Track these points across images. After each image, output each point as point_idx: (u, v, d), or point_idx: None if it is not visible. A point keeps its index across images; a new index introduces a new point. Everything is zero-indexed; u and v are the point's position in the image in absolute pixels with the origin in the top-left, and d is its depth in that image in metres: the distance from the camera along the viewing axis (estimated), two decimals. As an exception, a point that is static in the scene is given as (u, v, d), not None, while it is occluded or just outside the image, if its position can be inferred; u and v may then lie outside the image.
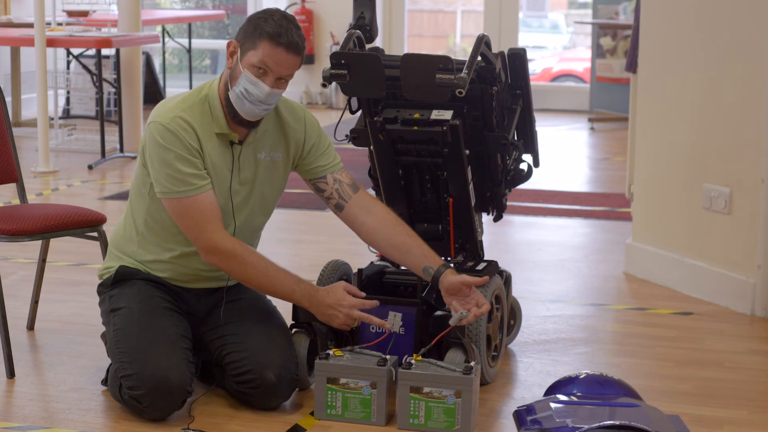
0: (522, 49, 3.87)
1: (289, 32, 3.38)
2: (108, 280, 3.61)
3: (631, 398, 3.28)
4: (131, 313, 3.49)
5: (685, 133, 4.84)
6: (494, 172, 3.84)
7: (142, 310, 3.49)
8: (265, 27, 3.37)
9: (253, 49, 3.38)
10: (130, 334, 3.44)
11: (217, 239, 3.40)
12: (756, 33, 4.48)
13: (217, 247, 3.41)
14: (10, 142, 4.10)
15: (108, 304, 3.58)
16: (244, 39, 3.41)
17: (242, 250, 3.42)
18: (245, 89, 3.39)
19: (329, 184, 3.63)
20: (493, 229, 5.35)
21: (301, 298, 3.47)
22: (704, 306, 4.68)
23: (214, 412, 3.49)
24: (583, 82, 11.96)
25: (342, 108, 3.86)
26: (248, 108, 3.41)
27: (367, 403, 3.39)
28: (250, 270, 3.43)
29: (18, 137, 5.65)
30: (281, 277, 3.46)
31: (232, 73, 3.42)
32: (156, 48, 10.67)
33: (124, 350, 3.42)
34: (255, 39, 3.38)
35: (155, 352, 3.38)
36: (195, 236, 3.42)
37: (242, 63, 3.39)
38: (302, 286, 3.48)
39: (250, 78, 3.38)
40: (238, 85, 3.40)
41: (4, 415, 3.50)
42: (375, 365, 3.38)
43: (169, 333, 3.46)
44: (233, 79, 3.42)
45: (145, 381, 3.35)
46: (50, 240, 4.10)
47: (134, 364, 3.38)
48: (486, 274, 3.74)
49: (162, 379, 3.34)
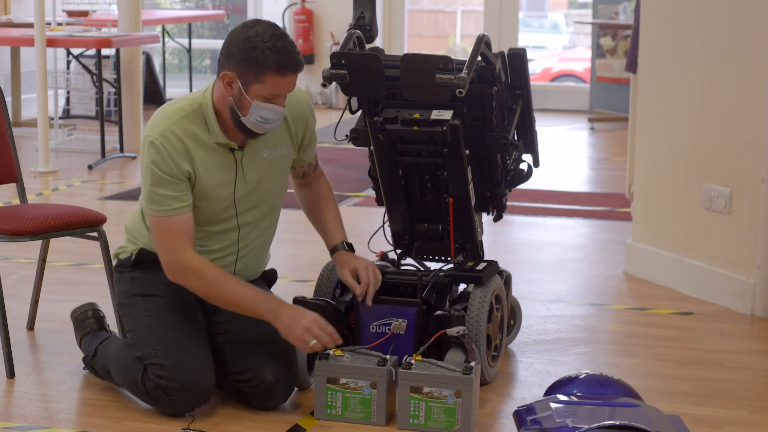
0: (522, 49, 3.87)
1: (291, 56, 3.34)
2: (128, 260, 3.63)
3: (631, 398, 3.28)
4: (167, 304, 3.52)
5: (685, 133, 4.84)
6: (494, 172, 3.84)
7: (176, 303, 3.52)
8: (264, 60, 3.31)
9: (259, 82, 3.34)
10: (168, 326, 3.48)
11: (181, 257, 3.43)
12: (756, 33, 4.48)
13: (180, 265, 3.43)
14: (10, 142, 4.10)
15: (131, 286, 3.59)
16: (242, 71, 3.35)
17: (201, 266, 3.43)
18: (261, 116, 3.39)
19: (303, 168, 3.74)
20: (493, 229, 5.35)
21: (264, 311, 3.44)
22: (704, 306, 4.68)
23: (214, 412, 3.49)
24: (583, 82, 11.96)
25: (342, 108, 3.86)
26: (266, 128, 3.45)
27: (367, 403, 3.39)
28: (209, 285, 3.43)
29: (18, 137, 5.65)
30: (243, 291, 3.45)
31: (238, 102, 3.38)
32: (156, 48, 10.67)
33: (161, 341, 3.45)
34: (258, 73, 3.33)
35: (192, 352, 3.44)
36: (162, 252, 3.47)
37: (249, 95, 3.36)
38: (265, 299, 3.46)
39: (262, 106, 3.37)
40: (251, 114, 3.38)
41: (4, 415, 3.50)
42: (375, 365, 3.38)
43: (201, 332, 3.52)
44: (242, 108, 3.38)
45: (181, 378, 3.39)
46: (50, 240, 4.10)
47: (171, 358, 3.41)
48: (486, 274, 3.74)
49: (197, 381, 3.41)
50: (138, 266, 3.61)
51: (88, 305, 3.89)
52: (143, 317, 3.52)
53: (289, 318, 3.43)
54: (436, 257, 3.94)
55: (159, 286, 3.55)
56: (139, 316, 3.53)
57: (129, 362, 3.51)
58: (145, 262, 3.60)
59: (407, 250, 3.95)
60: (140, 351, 3.47)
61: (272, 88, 3.36)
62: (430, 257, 3.96)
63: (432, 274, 3.81)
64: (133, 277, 3.61)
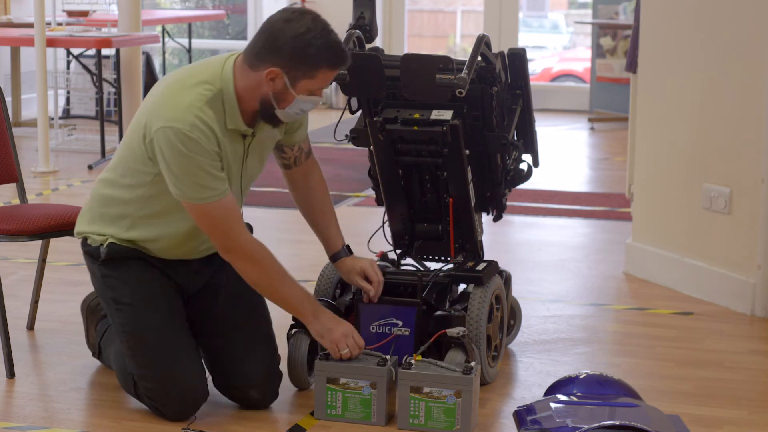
0: (522, 49, 3.86)
1: (343, 51, 3.30)
2: (96, 252, 3.49)
3: (631, 398, 3.28)
4: (142, 314, 3.43)
5: (685, 133, 4.84)
6: (494, 172, 3.84)
7: (152, 310, 3.44)
8: (320, 58, 3.26)
9: (310, 78, 3.29)
10: (146, 342, 3.41)
11: (240, 241, 3.37)
12: (756, 33, 4.48)
13: (238, 249, 3.37)
14: (10, 142, 4.10)
15: (104, 286, 3.49)
16: (291, 68, 3.27)
17: (264, 254, 3.40)
18: (300, 109, 3.36)
19: (293, 150, 3.65)
20: (493, 229, 5.35)
21: (306, 311, 3.46)
22: (704, 306, 4.68)
23: (214, 412, 3.49)
24: (583, 82, 11.97)
25: (342, 108, 3.86)
26: (297, 118, 3.44)
27: (367, 403, 3.39)
28: (264, 274, 3.41)
29: (18, 137, 5.65)
30: (293, 287, 3.45)
31: (279, 96, 3.31)
32: (156, 48, 10.67)
33: (143, 361, 3.40)
34: (310, 69, 3.27)
35: (178, 362, 3.40)
36: (218, 237, 3.37)
37: (295, 89, 3.30)
38: (310, 300, 3.49)
39: (305, 99, 3.33)
40: (291, 108, 3.34)
41: (4, 415, 3.50)
42: (375, 365, 3.39)
43: (184, 336, 3.46)
44: (282, 101, 3.32)
45: (171, 393, 3.38)
46: (50, 240, 4.10)
47: (156, 379, 3.39)
48: (486, 274, 3.74)
49: (189, 391, 3.40)
50: (108, 263, 3.49)
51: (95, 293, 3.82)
52: (122, 332, 3.45)
53: (328, 321, 3.45)
54: (436, 257, 3.94)
55: (130, 289, 3.46)
56: (119, 330, 3.46)
57: (123, 372, 3.51)
58: (114, 259, 3.48)
59: (407, 250, 3.95)
60: (128, 366, 3.46)
61: (321, 83, 3.33)
62: (430, 257, 3.96)
63: (432, 274, 3.81)
64: (105, 274, 3.49)
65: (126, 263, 3.48)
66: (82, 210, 3.61)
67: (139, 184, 3.43)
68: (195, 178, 3.28)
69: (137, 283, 3.47)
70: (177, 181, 3.30)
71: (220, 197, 3.32)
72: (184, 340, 3.46)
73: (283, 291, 3.44)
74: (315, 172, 3.72)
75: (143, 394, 3.44)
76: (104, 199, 3.51)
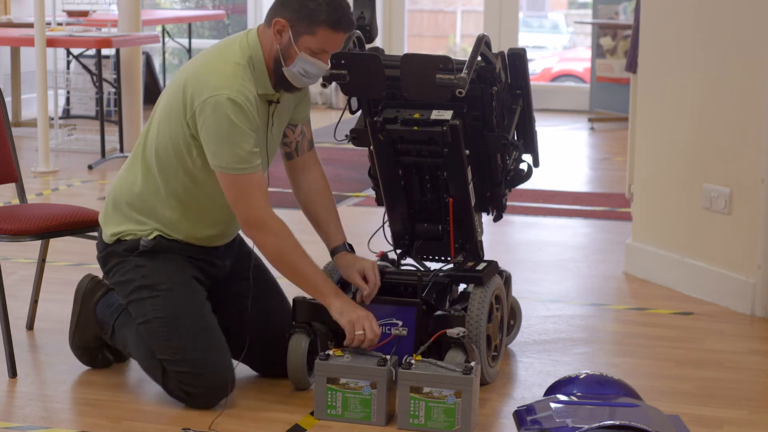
0: (522, 49, 3.87)
1: (346, 14, 3.40)
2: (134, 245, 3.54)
3: (631, 398, 3.28)
4: (175, 298, 3.50)
5: (685, 133, 4.84)
6: (494, 172, 3.84)
7: (184, 295, 3.51)
8: (320, 13, 3.37)
9: (310, 35, 3.40)
10: (184, 326, 3.47)
11: (266, 215, 3.44)
12: (756, 33, 4.48)
13: (262, 222, 3.43)
14: (9, 142, 4.10)
15: (138, 277, 3.53)
16: (295, 21, 3.39)
17: (286, 231, 3.46)
18: (304, 70, 3.43)
19: (295, 134, 3.71)
20: (493, 229, 5.35)
21: (327, 291, 3.51)
22: (704, 306, 4.68)
23: (214, 412, 3.48)
24: (583, 82, 11.96)
25: (342, 108, 3.86)
26: (304, 82, 3.49)
27: (367, 403, 3.39)
28: (287, 250, 3.46)
29: (18, 137, 5.65)
30: (313, 266, 3.51)
31: (285, 52, 3.42)
32: (156, 48, 10.67)
33: (178, 345, 3.45)
34: (311, 25, 3.39)
35: (210, 348, 3.46)
36: (243, 209, 3.43)
37: (297, 45, 3.41)
38: (330, 281, 3.55)
39: (307, 59, 3.42)
40: (294, 65, 3.43)
41: (5, 415, 3.50)
42: (375, 365, 3.39)
43: (213, 322, 3.52)
44: (287, 58, 3.43)
45: (204, 380, 3.43)
46: (50, 240, 4.10)
47: (189, 363, 3.44)
48: (486, 274, 3.74)
49: (219, 377, 3.45)
50: (144, 254, 3.56)
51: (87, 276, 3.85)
52: (153, 317, 3.50)
53: (348, 303, 3.51)
54: (436, 257, 3.94)
55: (168, 277, 3.53)
56: (147, 313, 3.51)
57: (148, 360, 3.54)
58: (151, 251, 3.54)
59: (407, 250, 3.95)
60: (157, 353, 3.49)
61: (322, 43, 3.41)
62: (430, 257, 3.96)
63: (432, 274, 3.81)
64: (139, 264, 3.55)
65: (161, 254, 3.55)
66: (104, 215, 3.65)
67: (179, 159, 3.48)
68: (235, 148, 3.36)
69: (174, 271, 3.54)
70: (217, 148, 3.37)
71: (254, 171, 3.40)
72: (214, 326, 3.53)
73: (303, 268, 3.48)
74: (316, 168, 3.76)
75: (174, 380, 3.46)
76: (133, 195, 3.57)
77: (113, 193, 3.63)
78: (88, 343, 3.81)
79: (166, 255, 3.55)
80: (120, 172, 3.65)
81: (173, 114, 3.46)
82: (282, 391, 3.63)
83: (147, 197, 3.55)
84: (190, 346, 3.45)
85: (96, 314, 3.78)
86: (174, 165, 3.50)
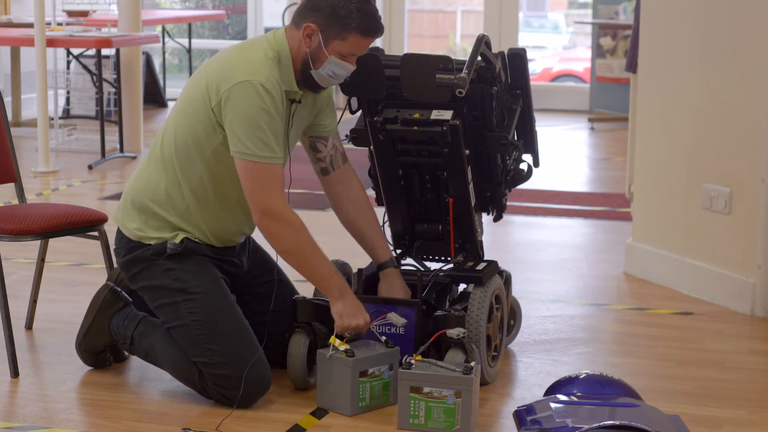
0: (522, 49, 3.87)
1: (376, 20, 3.45)
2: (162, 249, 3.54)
3: (631, 398, 3.28)
4: (209, 302, 3.50)
5: (685, 133, 4.84)
6: (494, 172, 3.84)
7: (218, 298, 3.52)
8: (351, 20, 3.41)
9: (341, 40, 3.44)
10: (222, 329, 3.48)
11: (281, 205, 3.44)
12: (756, 33, 4.48)
13: (278, 212, 3.43)
14: (8, 142, 4.10)
15: (170, 280, 3.52)
16: (326, 26, 3.43)
17: (302, 224, 3.47)
18: (333, 72, 3.48)
19: (327, 147, 3.73)
20: (493, 229, 5.35)
21: (334, 287, 3.50)
22: (704, 306, 4.68)
23: (214, 412, 3.49)
24: (583, 82, 11.97)
25: (342, 108, 3.86)
26: (331, 83, 3.53)
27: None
28: (302, 242, 3.46)
29: (18, 137, 5.66)
30: (324, 261, 3.51)
31: (315, 55, 3.46)
32: (156, 48, 10.68)
33: (217, 347, 3.46)
34: (342, 31, 3.43)
35: (246, 349, 3.47)
36: (259, 197, 3.42)
37: (327, 49, 3.45)
38: (339, 277, 3.54)
39: (337, 62, 3.47)
40: (324, 68, 3.47)
41: (5, 415, 3.50)
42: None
43: (248, 327, 3.53)
44: (316, 61, 3.47)
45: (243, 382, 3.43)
46: (49, 239, 4.10)
47: (230, 366, 3.45)
48: (486, 274, 3.74)
49: (258, 378, 3.47)
50: (173, 257, 3.54)
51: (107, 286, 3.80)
52: (190, 321, 3.49)
53: (350, 305, 3.51)
54: (436, 257, 3.94)
55: (200, 280, 3.52)
56: (183, 316, 3.50)
57: (183, 365, 3.53)
58: (179, 254, 3.53)
59: (407, 250, 3.95)
60: (194, 356, 3.49)
61: (352, 48, 3.46)
62: (430, 257, 3.96)
63: (432, 274, 3.81)
64: (169, 268, 3.54)
65: (189, 257, 3.55)
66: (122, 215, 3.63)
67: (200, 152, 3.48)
68: (261, 134, 3.37)
69: (205, 274, 3.54)
70: (242, 133, 3.37)
71: (275, 161, 3.41)
72: (247, 326, 3.54)
73: (313, 261, 3.49)
74: (354, 183, 3.77)
75: (211, 382, 3.46)
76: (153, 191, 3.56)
77: (131, 193, 3.62)
78: (95, 348, 3.81)
79: (194, 257, 3.55)
80: (135, 174, 3.66)
81: (195, 107, 3.46)
82: (282, 391, 3.63)
83: (168, 190, 3.54)
84: (229, 349, 3.45)
85: (110, 326, 3.77)
86: (194, 158, 3.49)
